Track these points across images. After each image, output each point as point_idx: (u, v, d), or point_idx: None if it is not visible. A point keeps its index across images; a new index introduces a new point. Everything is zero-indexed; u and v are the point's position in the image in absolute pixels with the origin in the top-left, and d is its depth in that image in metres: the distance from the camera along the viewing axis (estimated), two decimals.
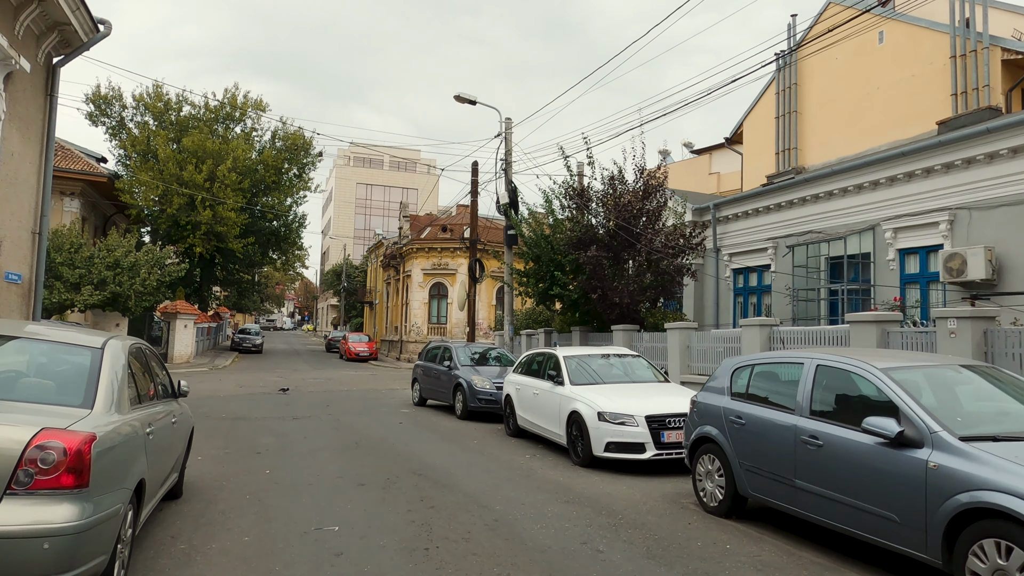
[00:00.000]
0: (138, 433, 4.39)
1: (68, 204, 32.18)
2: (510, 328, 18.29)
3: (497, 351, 16.71)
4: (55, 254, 23.93)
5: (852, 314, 9.33)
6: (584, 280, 15.15)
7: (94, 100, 39.13)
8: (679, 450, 8.67)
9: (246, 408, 15.14)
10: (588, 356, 10.89)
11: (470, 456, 9.75)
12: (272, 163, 40.04)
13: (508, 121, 18.00)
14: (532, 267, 16.43)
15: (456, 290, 37.98)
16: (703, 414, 6.97)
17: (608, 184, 15.64)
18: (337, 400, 17.50)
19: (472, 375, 14.37)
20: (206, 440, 10.50)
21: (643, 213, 15.31)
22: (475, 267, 21.15)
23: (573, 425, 9.43)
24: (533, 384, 11.13)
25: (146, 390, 5.18)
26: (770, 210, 17.52)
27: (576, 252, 15.27)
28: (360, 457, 9.43)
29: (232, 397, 17.62)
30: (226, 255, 40.03)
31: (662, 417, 8.73)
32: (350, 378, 26.21)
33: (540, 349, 12.64)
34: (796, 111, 23.64)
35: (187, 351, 31.57)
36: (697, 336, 13.02)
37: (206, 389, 19.59)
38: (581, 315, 17.16)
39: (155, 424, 4.90)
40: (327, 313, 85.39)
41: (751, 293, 18.58)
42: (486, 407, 13.88)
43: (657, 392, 9.81)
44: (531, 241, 16.09)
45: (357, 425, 12.79)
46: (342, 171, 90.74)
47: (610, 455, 8.74)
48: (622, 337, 14.94)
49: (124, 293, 24.79)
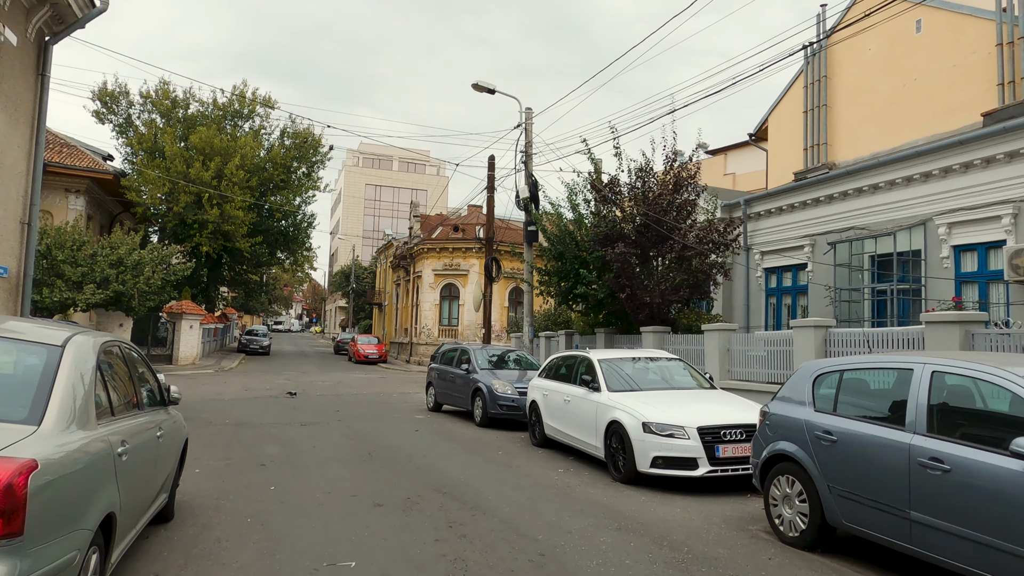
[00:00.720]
0: (107, 454, 3.46)
1: (73, 201, 31.49)
2: (530, 330, 17.33)
3: (516, 354, 15.75)
4: (57, 251, 23.16)
5: (929, 314, 8.33)
6: (611, 278, 14.17)
7: (101, 97, 38.47)
8: (736, 467, 7.69)
9: (251, 413, 14.24)
10: (624, 359, 9.91)
11: (497, 470, 8.78)
12: (281, 161, 39.27)
13: (528, 111, 17.06)
14: (554, 265, 15.46)
15: (470, 291, 37.03)
16: (778, 428, 5.98)
17: (636, 176, 14.66)
18: (347, 404, 16.57)
19: (492, 379, 13.42)
20: (206, 449, 9.58)
21: (673, 207, 14.32)
22: (492, 266, 20.20)
23: (612, 436, 8.45)
24: (563, 390, 10.16)
25: (125, 398, 4.26)
26: (807, 206, 16.49)
27: (602, 249, 14.30)
28: (375, 470, 8.48)
29: (237, 401, 16.73)
30: (233, 255, 39.26)
31: (716, 429, 7.74)
32: (360, 381, 25.30)
33: (567, 352, 11.67)
34: (826, 105, 22.60)
35: (192, 352, 30.76)
36: (738, 339, 12.02)
37: (210, 392, 18.72)
38: (606, 316, 16.17)
39: (133, 440, 3.96)
40: (335, 315, 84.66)
41: (784, 294, 17.55)
42: (507, 414, 12.92)
43: (706, 400, 8.82)
44: (554, 237, 15.12)
45: (370, 433, 11.85)
46: (351, 171, 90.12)
47: (657, 471, 7.76)
48: (652, 339, 13.94)
49: (127, 292, 23.97)
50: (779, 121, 25.55)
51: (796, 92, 24.52)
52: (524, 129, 17.03)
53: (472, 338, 35.59)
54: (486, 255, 20.63)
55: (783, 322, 17.51)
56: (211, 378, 24.44)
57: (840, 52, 22.46)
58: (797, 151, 23.86)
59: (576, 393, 9.67)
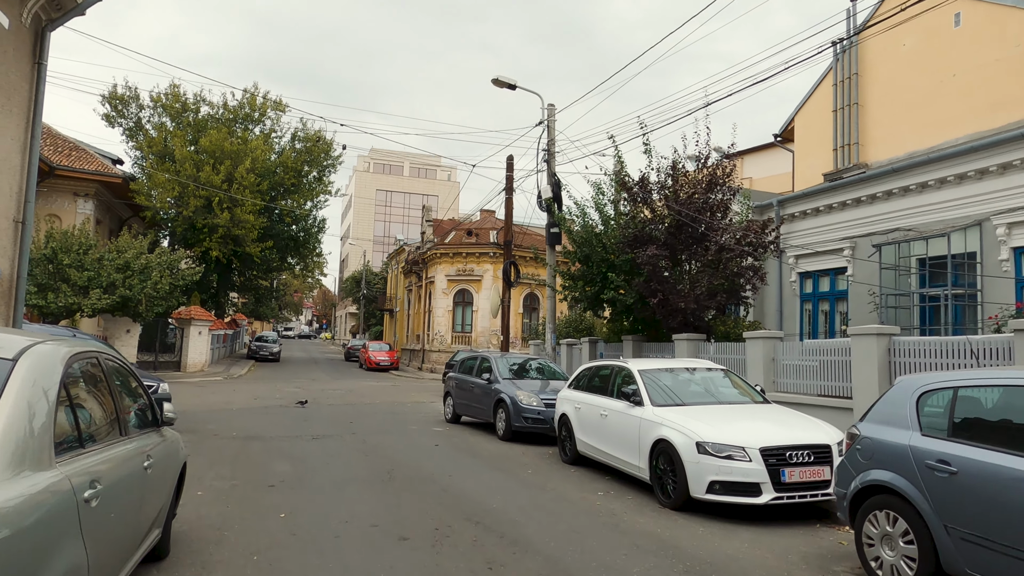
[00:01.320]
0: (67, 502, 2.65)
1: (82, 205, 30.98)
2: (552, 337, 16.47)
3: (538, 362, 14.90)
4: (62, 255, 22.56)
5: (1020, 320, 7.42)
6: (641, 283, 13.32)
7: (111, 100, 38.02)
8: (804, 493, 6.81)
9: (260, 424, 13.45)
10: (667, 370, 9.03)
11: (531, 494, 7.93)
12: (292, 165, 38.68)
13: (551, 107, 16.25)
14: (580, 269, 14.62)
15: (483, 296, 36.22)
16: (872, 454, 5.10)
17: (668, 174, 13.83)
18: (361, 415, 15.76)
19: (515, 390, 12.57)
20: (210, 467, 8.79)
21: (708, 207, 13.47)
22: (510, 270, 19.38)
23: (659, 457, 7.58)
24: (598, 403, 9.30)
25: (101, 424, 3.46)
26: (846, 206, 15.57)
27: (632, 251, 13.46)
28: (396, 494, 7.64)
29: (245, 410, 15.96)
30: (243, 260, 38.66)
31: (781, 450, 6.86)
32: (372, 389, 24.51)
33: (600, 361, 10.81)
34: (857, 103, 21.68)
35: (201, 359, 30.08)
36: (786, 348, 11.11)
37: (218, 401, 17.96)
38: (633, 323, 15.31)
39: (108, 478, 3.15)
40: (345, 321, 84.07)
41: (821, 299, 16.61)
42: (533, 427, 12.07)
43: (762, 416, 7.93)
44: (580, 239, 14.29)
45: (387, 447, 11.02)
46: (361, 176, 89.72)
47: (713, 498, 6.88)
48: (686, 348, 13.06)
49: (134, 297, 23.32)
50: (806, 121, 24.63)
51: (825, 91, 23.60)
52: (547, 126, 16.23)
53: (485, 345, 34.76)
54: (504, 259, 19.82)
55: (819, 329, 16.58)
56: (219, 386, 23.72)
57: (872, 48, 21.53)
58: (826, 152, 22.94)
59: (614, 407, 8.81)
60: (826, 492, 6.86)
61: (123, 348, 26.25)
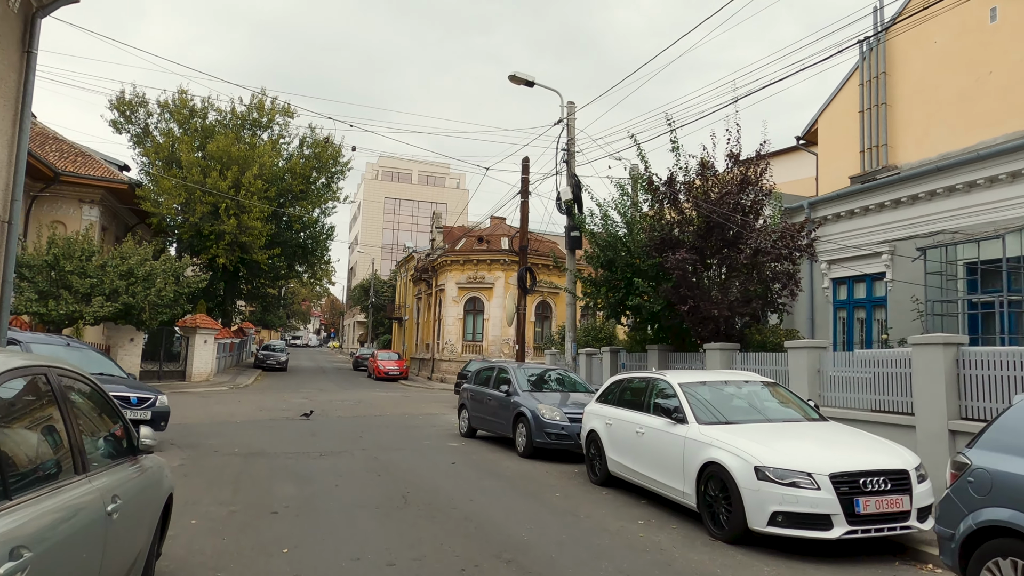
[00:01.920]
0: None
1: (87, 212, 30.45)
2: (573, 346, 15.64)
3: (557, 373, 14.07)
4: (64, 261, 21.94)
5: None
6: (669, 289, 12.48)
7: (118, 106, 37.58)
8: (881, 526, 5.95)
9: (265, 439, 12.67)
10: (710, 383, 8.20)
11: (564, 522, 7.09)
12: (300, 171, 38.10)
13: (571, 105, 15.48)
14: (603, 274, 13.80)
15: (495, 304, 35.42)
16: (991, 488, 4.26)
17: (697, 174, 13.02)
18: (370, 428, 14.96)
19: (536, 404, 11.74)
20: (207, 489, 8.00)
21: (739, 209, 12.64)
22: (526, 276, 18.58)
23: (709, 482, 6.74)
24: (633, 419, 8.47)
25: (45, 463, 2.67)
26: (885, 208, 14.72)
27: (660, 255, 12.63)
28: (414, 523, 6.82)
29: (250, 423, 15.19)
30: (251, 267, 38.06)
31: (853, 476, 6.01)
32: (381, 400, 23.71)
33: (633, 373, 9.98)
34: (885, 103, 20.80)
35: (207, 368, 29.38)
36: (834, 358, 10.24)
37: (221, 412, 17.20)
38: (657, 331, 14.47)
39: (45, 538, 2.35)
40: (353, 330, 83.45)
41: (857, 307, 15.72)
42: (556, 444, 11.23)
43: (825, 436, 7.07)
44: (603, 242, 13.48)
45: (400, 465, 10.21)
46: (370, 184, 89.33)
47: (776, 531, 6.03)
48: (719, 358, 12.20)
49: (138, 305, 22.67)
50: (831, 123, 23.77)
51: (850, 91, 22.74)
52: (566, 125, 15.45)
53: (497, 354, 33.94)
54: (520, 265, 19.02)
55: (855, 339, 15.68)
56: (224, 396, 22.98)
57: (901, 46, 20.68)
58: (852, 154, 22.05)
59: (652, 424, 7.97)
60: (905, 525, 6.01)
61: (126, 357, 25.59)
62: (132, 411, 10.70)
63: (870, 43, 21.08)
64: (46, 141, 31.41)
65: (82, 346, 12.47)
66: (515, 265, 36.05)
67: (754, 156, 13.16)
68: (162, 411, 11.18)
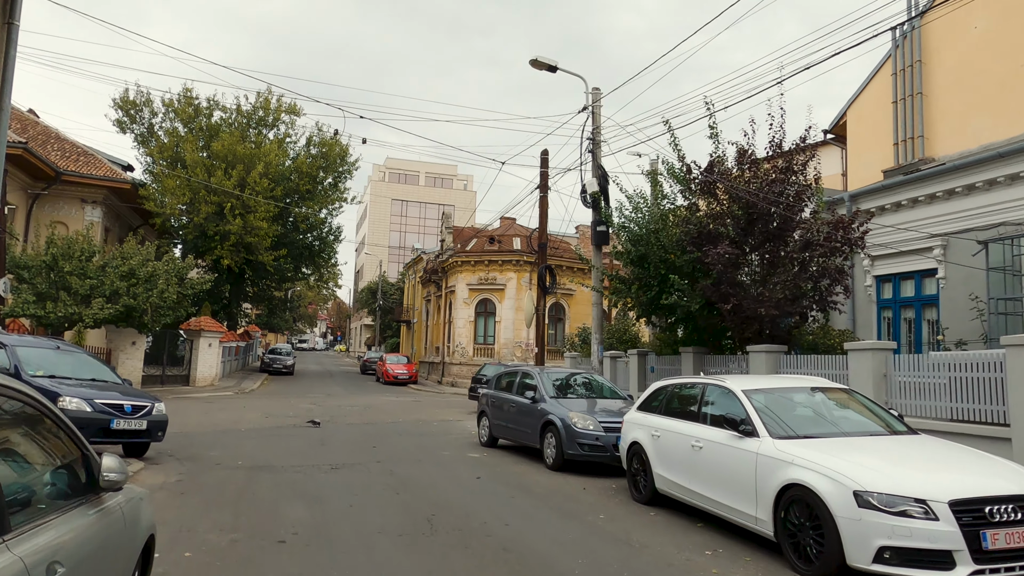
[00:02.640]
0: None
1: (90, 212, 29.65)
2: (599, 348, 14.63)
3: (583, 376, 13.02)
4: (63, 262, 21.08)
5: None
6: (709, 286, 11.49)
7: (122, 105, 36.81)
8: (1012, 564, 4.92)
9: (271, 450, 11.71)
10: (777, 391, 7.20)
11: (618, 553, 6.09)
12: (307, 170, 37.25)
13: (596, 92, 14.49)
14: (634, 271, 12.81)
15: (507, 306, 34.45)
16: None
17: (736, 161, 12.04)
18: (384, 437, 13.99)
19: (567, 411, 10.74)
20: (206, 512, 7.05)
21: (783, 199, 11.63)
22: (545, 275, 17.61)
23: (792, 508, 5.73)
24: (686, 431, 7.47)
25: None
26: (936, 199, 13.68)
27: (698, 249, 11.64)
28: (444, 554, 5.84)
29: (255, 431, 14.25)
30: (256, 269, 37.21)
31: (977, 503, 5.00)
32: (392, 405, 22.75)
33: (682, 378, 8.98)
34: (921, 93, 19.72)
35: (211, 373, 28.49)
36: (903, 361, 9.23)
37: (225, 420, 16.27)
38: (689, 332, 13.48)
39: None
40: (360, 333, 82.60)
41: (904, 306, 14.67)
42: (589, 455, 10.23)
43: (927, 454, 6.05)
44: (635, 237, 12.49)
45: (420, 480, 9.24)
46: (376, 186, 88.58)
47: (883, 570, 5.01)
48: (765, 362, 11.19)
49: (139, 307, 21.78)
50: (860, 115, 22.69)
51: (882, 81, 21.65)
52: (591, 112, 14.47)
53: (509, 357, 32.97)
54: (538, 263, 18.05)
55: (902, 340, 14.62)
56: (229, 402, 22.07)
57: (937, 32, 19.62)
58: (885, 147, 20.95)
59: (712, 437, 6.97)
60: None
61: (128, 361, 24.73)
62: (126, 420, 9.77)
63: (903, 30, 20.02)
64: (48, 140, 30.66)
65: (74, 349, 11.55)
66: (528, 266, 35.12)
67: (799, 143, 12.17)
68: (159, 420, 10.24)
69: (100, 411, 9.51)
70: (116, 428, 9.61)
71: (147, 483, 8.47)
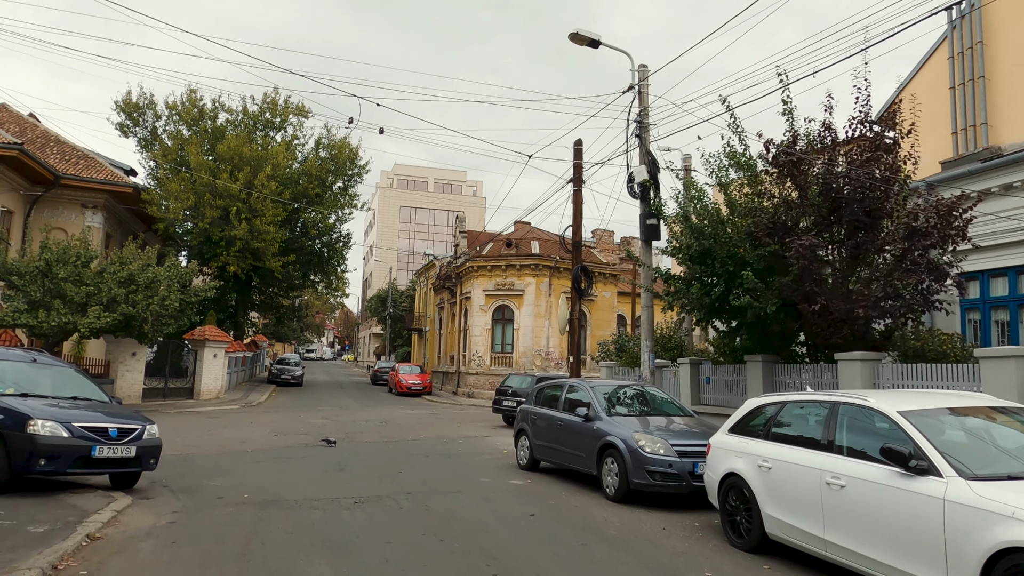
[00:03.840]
0: None
1: (90, 218, 28.28)
2: (650, 357, 12.98)
3: (634, 389, 11.31)
4: (58, 268, 19.59)
5: None
6: (789, 283, 9.86)
7: (125, 108, 35.51)
8: None
9: (281, 478, 10.11)
10: (951, 413, 5.56)
11: None
12: (316, 173, 35.82)
13: (643, 69, 12.91)
14: (696, 268, 11.16)
15: (526, 312, 32.82)
16: None
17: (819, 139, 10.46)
18: (408, 459, 12.37)
19: (630, 431, 9.11)
20: (200, 568, 5.44)
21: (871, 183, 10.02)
22: (580, 277, 16.01)
23: None
24: (814, 463, 5.84)
25: None
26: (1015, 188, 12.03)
27: (779, 241, 10.03)
28: None
29: (263, 453, 12.65)
30: (264, 276, 35.74)
31: None
32: (410, 420, 21.13)
33: (796, 394, 7.32)
34: (983, 76, 18.10)
35: (216, 385, 26.96)
36: None
37: (231, 439, 14.69)
38: (754, 338, 11.84)
39: None
40: (369, 342, 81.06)
41: (995, 306, 12.99)
42: (661, 486, 8.59)
43: None
44: (698, 228, 10.87)
45: (464, 519, 7.61)
46: (385, 193, 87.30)
47: None
48: (859, 371, 9.55)
49: (139, 315, 20.24)
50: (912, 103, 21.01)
51: (936, 65, 19.99)
52: (637, 92, 12.90)
53: (528, 367, 31.31)
54: (573, 263, 16.45)
55: (992, 345, 12.95)
56: (236, 417, 20.50)
57: (1001, 11, 17.98)
58: (942, 135, 19.27)
59: (862, 474, 5.33)
60: None
61: (128, 373, 23.24)
62: (111, 447, 8.20)
63: (961, 10, 18.38)
64: (47, 143, 29.35)
65: (54, 363, 10.00)
66: (548, 270, 33.56)
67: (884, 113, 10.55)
68: (151, 445, 8.67)
69: (80, 436, 7.95)
70: (98, 456, 8.04)
71: (133, 527, 6.89)
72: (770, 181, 10.76)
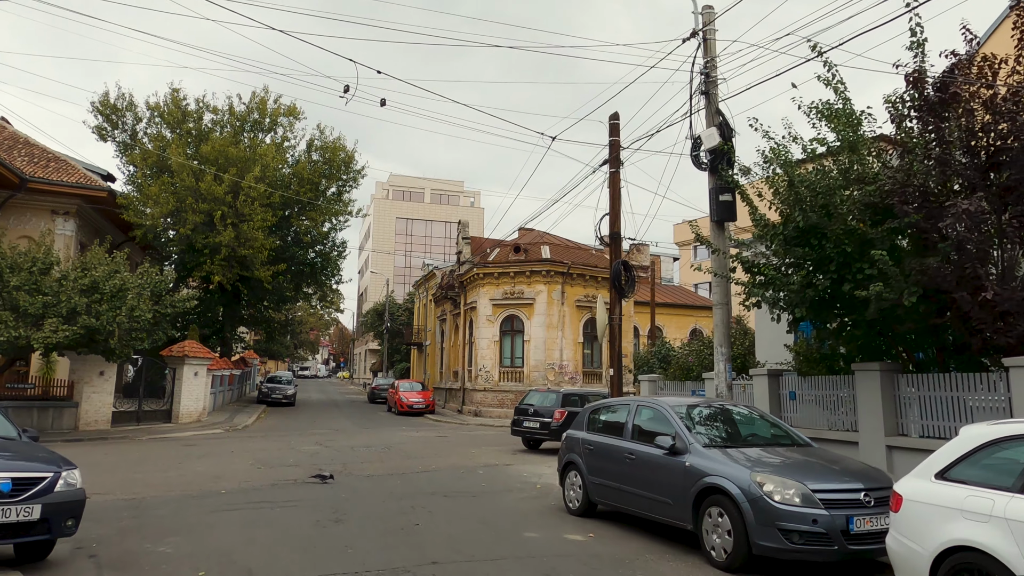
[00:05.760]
0: None
1: (61, 226, 25.60)
2: (728, 367, 10.34)
3: (717, 405, 8.66)
4: (9, 275, 16.93)
5: None
6: (939, 265, 7.33)
7: (102, 110, 32.90)
8: None
9: (255, 541, 7.43)
10: None
11: None
12: (308, 177, 33.29)
13: (709, 11, 10.40)
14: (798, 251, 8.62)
15: (536, 323, 30.22)
16: None
17: (978, 69, 8.03)
18: (423, 501, 9.70)
19: (743, 469, 6.51)
20: None
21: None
22: (621, 273, 13.45)
23: None
24: None
25: None
26: None
27: (921, 210, 7.52)
28: None
29: (239, 496, 9.95)
30: (252, 287, 33.05)
31: None
32: (416, 444, 18.44)
33: None
34: None
35: (197, 406, 24.17)
36: None
37: (203, 474, 11.98)
38: (867, 340, 9.29)
39: None
40: (365, 359, 78.15)
41: None
42: (803, 550, 5.97)
43: None
44: (806, 200, 8.31)
45: None
46: (380, 204, 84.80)
47: None
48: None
49: (103, 328, 17.52)
50: None
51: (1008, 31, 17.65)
52: (703, 40, 10.40)
53: (541, 381, 28.66)
54: (611, 260, 13.88)
55: None
56: (214, 444, 17.74)
57: None
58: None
59: None
60: None
61: (95, 395, 20.45)
62: (2, 507, 5.56)
63: None
64: (15, 145, 26.73)
65: None
66: (560, 277, 31.00)
67: None
68: (66, 502, 6.02)
69: None
70: None
71: None
72: (904, 134, 8.25)
